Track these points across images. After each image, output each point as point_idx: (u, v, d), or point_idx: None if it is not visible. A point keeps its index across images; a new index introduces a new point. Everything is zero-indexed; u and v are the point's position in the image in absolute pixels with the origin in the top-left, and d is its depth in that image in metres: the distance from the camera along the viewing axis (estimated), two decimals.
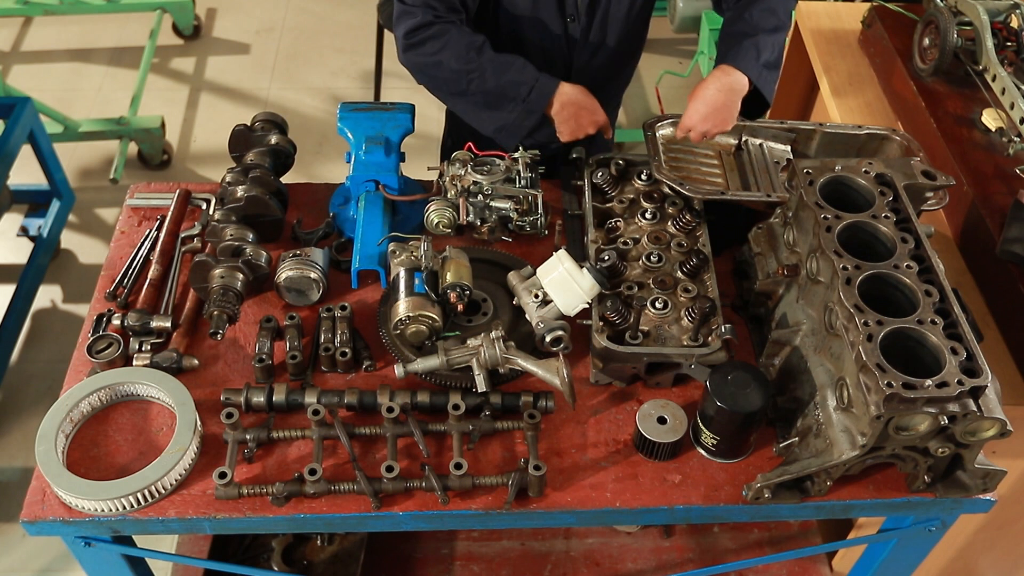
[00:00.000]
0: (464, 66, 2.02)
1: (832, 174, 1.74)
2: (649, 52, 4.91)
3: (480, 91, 2.05)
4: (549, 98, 2.03)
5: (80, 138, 4.06)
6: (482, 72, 2.02)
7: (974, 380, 1.44)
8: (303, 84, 4.62)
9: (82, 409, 1.72)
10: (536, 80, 2.02)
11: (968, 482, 1.64)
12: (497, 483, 1.64)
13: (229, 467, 1.62)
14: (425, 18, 2.01)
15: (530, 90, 2.02)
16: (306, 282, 1.89)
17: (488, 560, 2.31)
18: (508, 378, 1.79)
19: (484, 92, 2.05)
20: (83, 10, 4.61)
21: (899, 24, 2.60)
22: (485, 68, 2.02)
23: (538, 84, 2.02)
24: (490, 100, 2.06)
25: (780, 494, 1.64)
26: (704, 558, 2.32)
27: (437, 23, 2.01)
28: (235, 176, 2.01)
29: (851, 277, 1.57)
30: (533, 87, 2.02)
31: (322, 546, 2.23)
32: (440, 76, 2.06)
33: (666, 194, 1.95)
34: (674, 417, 1.70)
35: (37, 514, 1.61)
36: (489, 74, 2.02)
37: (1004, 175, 2.15)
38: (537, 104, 2.04)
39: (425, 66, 2.06)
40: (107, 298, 1.94)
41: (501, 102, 2.05)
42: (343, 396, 1.73)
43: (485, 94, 2.05)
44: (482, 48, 2.02)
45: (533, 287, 1.79)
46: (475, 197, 2.01)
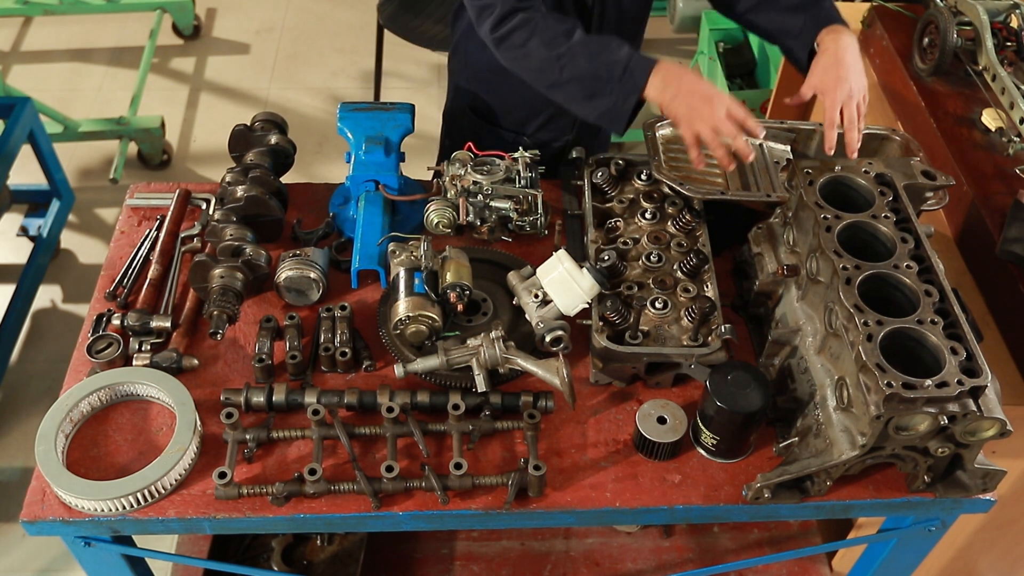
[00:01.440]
0: (553, 51, 1.86)
1: (832, 174, 1.74)
2: (649, 52, 4.91)
3: (574, 77, 1.87)
4: (646, 75, 1.84)
5: (80, 138, 4.06)
6: (573, 56, 1.86)
7: (974, 380, 1.44)
8: (303, 84, 4.62)
9: (82, 409, 1.72)
10: (630, 58, 1.85)
11: (968, 482, 1.64)
12: (497, 483, 1.65)
13: (229, 467, 1.62)
14: (505, 8, 1.88)
15: (624, 68, 1.84)
16: (306, 282, 1.89)
17: (488, 560, 2.31)
18: (508, 378, 1.79)
19: (578, 78, 1.87)
20: (83, 10, 4.61)
21: (899, 24, 2.60)
22: (576, 52, 1.85)
23: (632, 61, 1.85)
24: (586, 86, 1.88)
25: (780, 494, 1.64)
26: (704, 558, 2.32)
27: (520, 11, 1.88)
28: (235, 176, 2.01)
29: (851, 277, 1.57)
30: (627, 65, 1.84)
31: (322, 546, 2.23)
32: (532, 67, 1.91)
33: (666, 194, 1.95)
34: (674, 417, 1.70)
35: (37, 514, 1.61)
36: (581, 58, 1.85)
37: (1004, 175, 2.15)
38: (633, 82, 1.84)
39: (516, 59, 1.92)
40: (107, 298, 1.94)
41: (597, 86, 1.87)
42: (343, 396, 1.73)
43: (580, 80, 1.88)
44: (572, 32, 1.87)
45: (533, 287, 1.79)
46: (475, 197, 2.01)
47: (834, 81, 1.85)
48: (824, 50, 1.89)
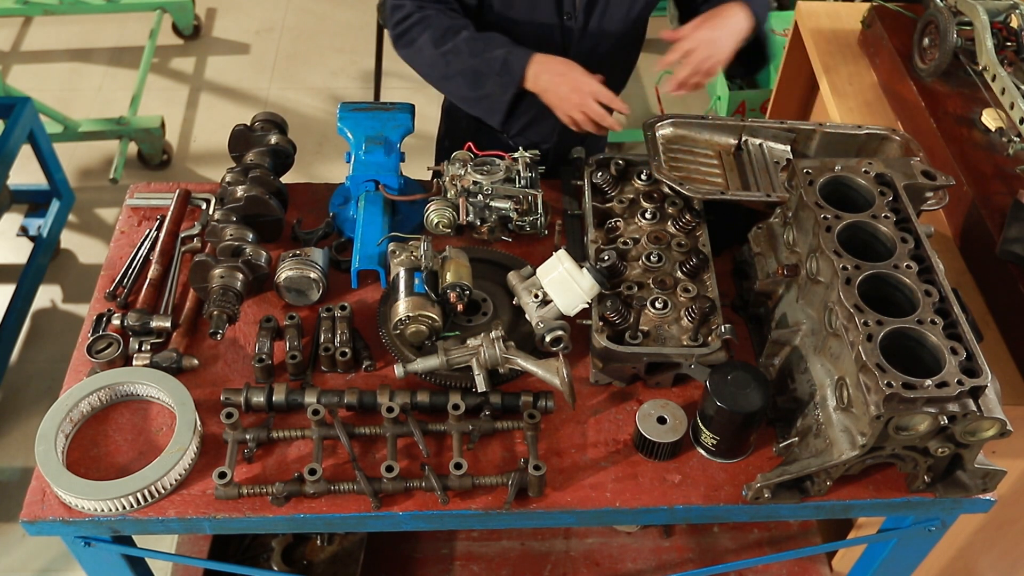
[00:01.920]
0: (441, 48, 2.01)
1: (832, 174, 1.74)
2: (649, 52, 4.91)
3: (459, 72, 2.03)
4: (523, 67, 1.99)
5: (80, 138, 4.06)
6: (458, 52, 2.01)
7: (974, 380, 1.44)
8: (303, 84, 4.62)
9: (82, 409, 1.72)
10: (509, 53, 2.00)
11: (968, 482, 1.64)
12: (497, 483, 1.65)
13: (229, 467, 1.62)
14: (410, 9, 2.05)
15: (503, 62, 2.00)
16: (306, 282, 1.89)
17: (488, 560, 2.31)
18: (508, 378, 1.79)
19: (463, 72, 2.03)
20: (83, 10, 4.62)
21: (899, 24, 2.60)
22: (461, 48, 2.01)
23: (511, 55, 2.00)
24: (469, 79, 2.04)
25: (780, 494, 1.65)
26: (704, 558, 2.32)
27: (419, 12, 2.04)
28: (235, 176, 2.01)
29: (851, 277, 1.57)
30: (505, 59, 2.00)
31: (322, 546, 2.23)
32: (424, 62, 2.07)
33: (666, 194, 1.95)
34: (674, 417, 1.70)
35: (37, 514, 1.61)
36: (465, 54, 2.01)
37: (1004, 175, 2.15)
38: (511, 76, 2.00)
39: (410, 56, 2.08)
40: (107, 298, 1.94)
41: (480, 79, 2.03)
42: (343, 396, 1.73)
43: (464, 74, 2.03)
44: (460, 29, 2.02)
45: (533, 287, 1.79)
46: (475, 197, 2.01)
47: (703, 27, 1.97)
48: (715, 10, 2.00)
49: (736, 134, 2.05)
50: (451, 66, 2.03)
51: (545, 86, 2.00)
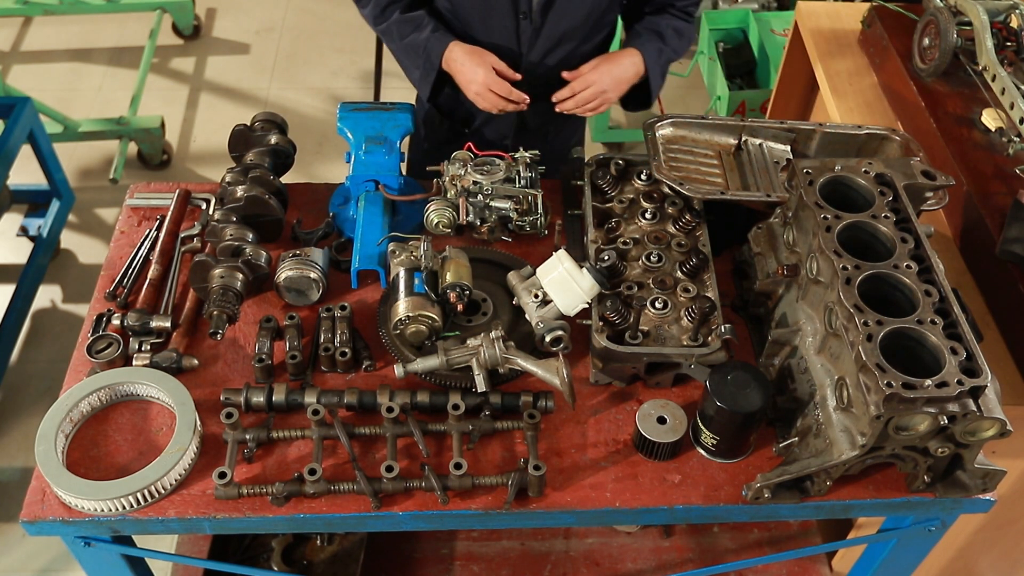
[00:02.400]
0: (380, 26, 2.22)
1: (832, 174, 1.74)
2: None
3: (395, 51, 2.24)
4: (441, 52, 2.15)
5: (80, 138, 4.06)
6: (390, 33, 2.21)
7: (974, 380, 1.44)
8: (303, 84, 4.62)
9: (82, 409, 1.72)
10: (429, 38, 2.16)
11: (968, 482, 1.64)
12: (497, 483, 1.65)
13: (229, 467, 1.62)
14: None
15: (424, 47, 2.16)
16: (306, 282, 1.89)
17: (488, 560, 2.31)
18: (508, 378, 1.79)
19: (396, 52, 2.24)
20: (83, 10, 4.61)
21: (899, 24, 2.60)
22: (392, 30, 2.20)
23: (431, 41, 2.16)
24: (402, 57, 2.24)
25: (780, 494, 1.65)
26: (704, 558, 2.32)
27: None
28: (235, 176, 2.01)
29: (851, 277, 1.57)
30: (427, 44, 2.16)
31: (322, 546, 2.23)
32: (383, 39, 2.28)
33: (666, 194, 1.95)
34: (674, 417, 1.70)
35: (37, 514, 1.61)
36: (396, 35, 2.20)
37: (1004, 175, 2.15)
38: (430, 60, 2.17)
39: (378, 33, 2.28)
40: (107, 298, 1.94)
41: (410, 58, 2.21)
42: (343, 396, 1.73)
43: (397, 52, 2.24)
44: (391, 6, 2.20)
45: (533, 287, 1.79)
46: (475, 197, 2.01)
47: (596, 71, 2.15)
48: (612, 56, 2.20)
49: (736, 134, 2.05)
50: (389, 43, 2.25)
51: (456, 68, 2.15)
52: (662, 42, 2.23)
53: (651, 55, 2.20)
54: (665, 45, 2.23)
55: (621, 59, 2.17)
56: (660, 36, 2.23)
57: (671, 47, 2.25)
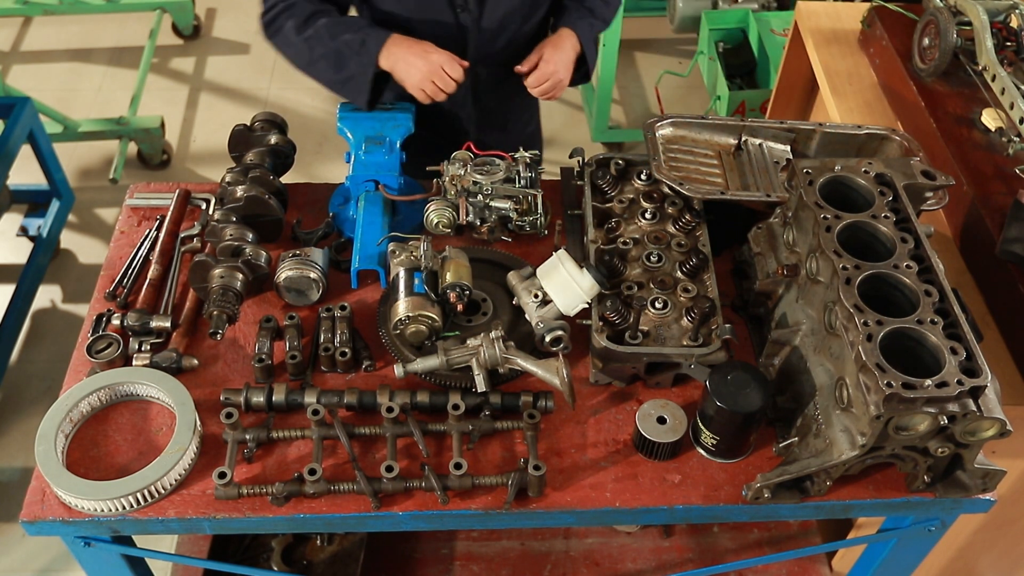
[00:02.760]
0: (303, 34, 2.09)
1: (832, 174, 1.74)
2: (649, 52, 4.92)
3: (322, 56, 2.10)
4: (380, 45, 2.07)
5: (80, 138, 4.06)
6: (320, 36, 2.08)
7: (974, 380, 1.44)
8: (303, 84, 4.58)
9: (82, 409, 1.72)
10: (367, 33, 2.08)
11: (968, 482, 1.64)
12: (497, 483, 1.65)
13: (229, 467, 1.62)
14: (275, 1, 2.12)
15: (361, 43, 2.07)
16: (306, 282, 1.89)
17: (488, 560, 2.31)
18: (508, 378, 1.79)
19: (326, 56, 2.10)
20: (83, 10, 4.62)
21: (899, 24, 2.60)
22: (322, 32, 2.08)
23: (369, 35, 2.08)
24: (332, 62, 2.10)
25: (780, 494, 1.65)
26: (704, 558, 2.32)
27: (282, 1, 2.12)
28: (235, 176, 2.01)
29: (851, 277, 1.57)
30: (364, 39, 2.07)
31: (322, 546, 2.23)
32: (290, 50, 2.14)
33: (666, 194, 1.95)
34: (674, 417, 1.70)
35: (37, 514, 1.61)
36: (326, 37, 2.08)
37: (1004, 175, 2.15)
38: (368, 53, 2.07)
39: (278, 44, 2.15)
40: (107, 298, 1.94)
41: (342, 60, 2.09)
42: (343, 396, 1.73)
43: (327, 57, 2.10)
44: (321, 15, 2.10)
45: (533, 287, 1.79)
46: (475, 197, 2.01)
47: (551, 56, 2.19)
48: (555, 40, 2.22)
49: (736, 134, 2.05)
50: (314, 51, 2.10)
51: (394, 61, 2.07)
52: (592, 16, 2.29)
53: (584, 32, 2.25)
54: (595, 19, 2.30)
55: (563, 43, 2.21)
56: (590, 11, 2.29)
57: (600, 18, 2.32)
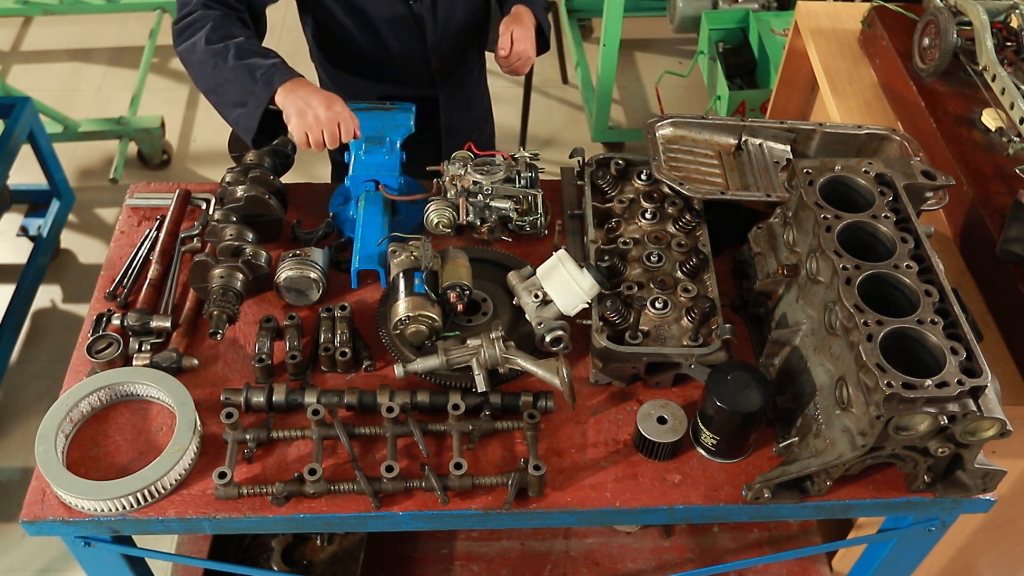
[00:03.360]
0: (212, 46, 1.94)
1: (832, 174, 1.74)
2: (649, 52, 4.92)
3: (224, 74, 1.93)
4: (284, 79, 1.92)
5: (80, 138, 4.06)
6: (226, 55, 1.93)
7: (974, 380, 1.44)
8: None
9: (82, 409, 1.72)
10: (276, 66, 1.95)
11: (968, 482, 1.64)
12: (497, 483, 1.65)
13: (229, 467, 1.62)
14: (194, 6, 2.01)
15: (267, 70, 1.93)
16: (306, 282, 1.89)
17: (488, 560, 2.31)
18: (508, 378, 1.79)
19: (227, 74, 1.93)
20: (83, 10, 4.62)
21: (899, 24, 2.60)
22: (230, 50, 1.94)
23: (278, 68, 1.94)
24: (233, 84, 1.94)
25: (780, 494, 1.65)
26: (704, 558, 2.32)
27: (202, 10, 2.00)
28: (235, 176, 2.01)
29: (851, 277, 1.57)
30: (271, 70, 1.93)
31: (322, 546, 2.23)
32: (194, 60, 1.98)
33: (666, 194, 1.95)
34: (674, 417, 1.70)
35: (37, 514, 1.61)
36: (233, 56, 1.93)
37: (1004, 175, 2.15)
38: (270, 84, 1.92)
39: (184, 54, 2.00)
40: (107, 298, 1.94)
41: (242, 84, 1.93)
42: (343, 396, 1.73)
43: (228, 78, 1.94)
44: (237, 35, 1.98)
45: (533, 287, 1.79)
46: (475, 197, 2.01)
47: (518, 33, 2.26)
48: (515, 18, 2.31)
49: (736, 134, 2.05)
50: (217, 68, 1.94)
51: (294, 99, 1.91)
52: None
53: (537, 7, 2.36)
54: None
55: (524, 20, 2.30)
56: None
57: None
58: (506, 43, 2.25)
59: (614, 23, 3.87)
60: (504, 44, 2.25)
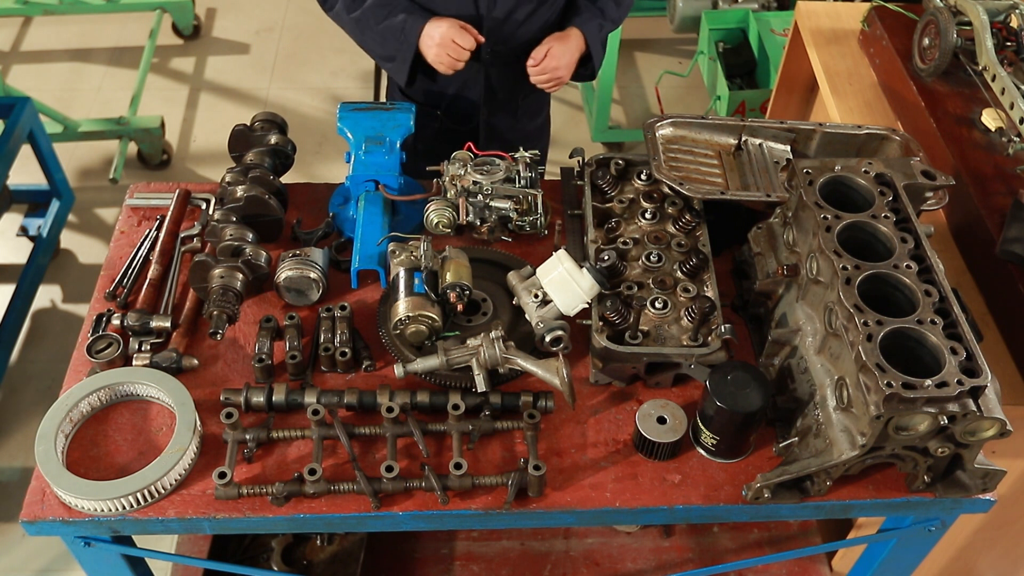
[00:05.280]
0: (353, 14, 2.27)
1: (832, 174, 1.74)
2: (649, 52, 4.92)
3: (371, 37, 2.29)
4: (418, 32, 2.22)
5: (80, 138, 4.06)
6: (366, 19, 2.26)
7: (974, 380, 1.44)
8: (303, 84, 4.62)
9: (82, 409, 1.72)
10: (406, 19, 2.23)
11: (968, 482, 1.64)
12: (497, 483, 1.65)
13: (229, 467, 1.62)
14: None
15: (401, 28, 2.23)
16: (306, 282, 1.89)
17: (488, 560, 2.31)
18: (508, 378, 1.79)
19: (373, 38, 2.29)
20: (83, 10, 4.62)
21: (899, 24, 2.60)
22: (368, 15, 2.26)
23: (407, 21, 2.23)
24: (379, 43, 2.30)
25: (780, 494, 1.65)
26: (704, 558, 2.32)
27: None
28: (235, 176, 2.01)
29: (851, 277, 1.57)
30: (403, 25, 2.23)
31: (322, 546, 2.23)
32: (345, 27, 2.33)
33: (666, 194, 1.95)
34: (674, 417, 1.70)
35: (37, 514, 1.61)
36: (371, 20, 2.25)
37: (1004, 175, 2.15)
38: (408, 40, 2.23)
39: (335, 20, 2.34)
40: (107, 298, 1.94)
41: (387, 43, 2.28)
42: (343, 396, 1.73)
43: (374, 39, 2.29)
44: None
45: (533, 287, 1.79)
46: (475, 197, 2.01)
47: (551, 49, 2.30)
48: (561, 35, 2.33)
49: (736, 134, 2.05)
50: (364, 33, 2.29)
51: (422, 42, 2.23)
52: (602, 17, 2.38)
53: (592, 32, 2.34)
54: (605, 20, 2.39)
55: (569, 40, 2.31)
56: (601, 12, 2.38)
57: (610, 19, 2.40)
58: (539, 55, 2.28)
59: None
60: (536, 55, 2.28)
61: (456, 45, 2.19)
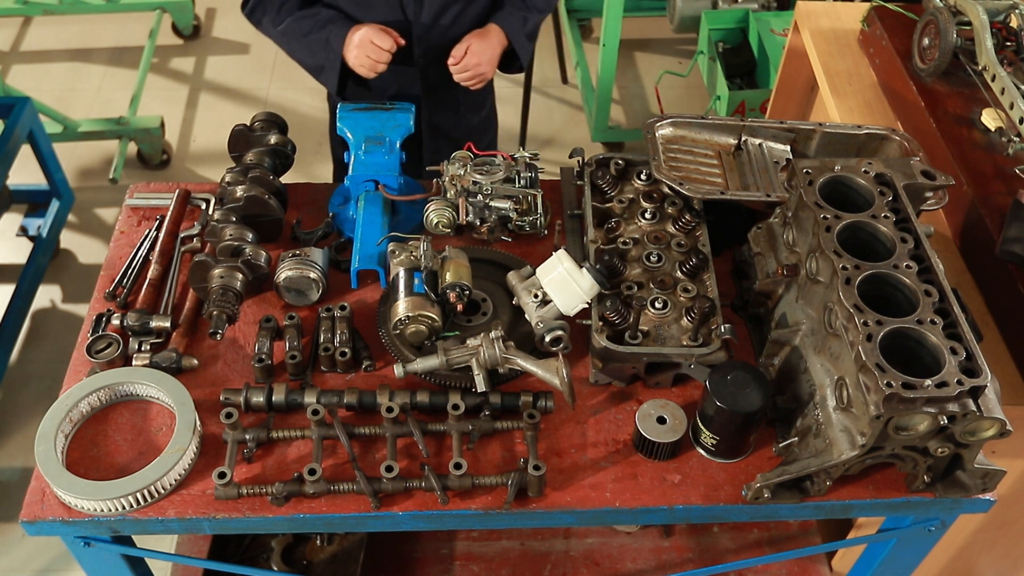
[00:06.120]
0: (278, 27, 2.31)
1: (832, 174, 1.74)
2: (649, 52, 4.92)
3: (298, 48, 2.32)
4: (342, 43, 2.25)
5: (80, 138, 4.06)
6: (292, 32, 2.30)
7: (974, 380, 1.44)
8: (303, 84, 4.62)
9: (82, 409, 1.72)
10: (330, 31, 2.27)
11: (968, 482, 1.64)
12: (497, 483, 1.65)
13: (228, 467, 1.62)
14: None
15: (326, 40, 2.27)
16: (306, 282, 1.89)
17: (488, 560, 2.31)
18: (508, 378, 1.79)
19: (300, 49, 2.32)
20: (83, 10, 4.62)
21: (899, 24, 2.60)
22: (293, 28, 2.29)
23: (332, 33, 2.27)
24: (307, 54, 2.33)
25: (780, 494, 1.65)
26: (704, 558, 2.32)
27: None
28: (234, 176, 2.01)
29: (851, 277, 1.57)
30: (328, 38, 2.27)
31: (322, 546, 2.23)
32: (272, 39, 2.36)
33: (666, 194, 1.95)
34: (674, 417, 1.70)
35: (37, 514, 1.61)
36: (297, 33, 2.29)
37: (1004, 175, 2.15)
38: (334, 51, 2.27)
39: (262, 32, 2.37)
40: (106, 298, 1.94)
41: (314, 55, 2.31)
42: (343, 396, 1.73)
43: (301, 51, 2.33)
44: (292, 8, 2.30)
45: (533, 287, 1.79)
46: (475, 197, 2.01)
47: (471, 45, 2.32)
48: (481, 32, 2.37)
49: (736, 134, 2.05)
50: (291, 44, 2.33)
51: (346, 47, 2.26)
52: (526, 9, 2.41)
53: (514, 26, 2.38)
54: (530, 12, 2.42)
55: (489, 37, 2.34)
56: (523, 3, 2.41)
57: (536, 8, 2.43)
58: (459, 52, 2.31)
59: (614, 23, 3.87)
60: (456, 53, 2.31)
61: (375, 46, 2.21)
